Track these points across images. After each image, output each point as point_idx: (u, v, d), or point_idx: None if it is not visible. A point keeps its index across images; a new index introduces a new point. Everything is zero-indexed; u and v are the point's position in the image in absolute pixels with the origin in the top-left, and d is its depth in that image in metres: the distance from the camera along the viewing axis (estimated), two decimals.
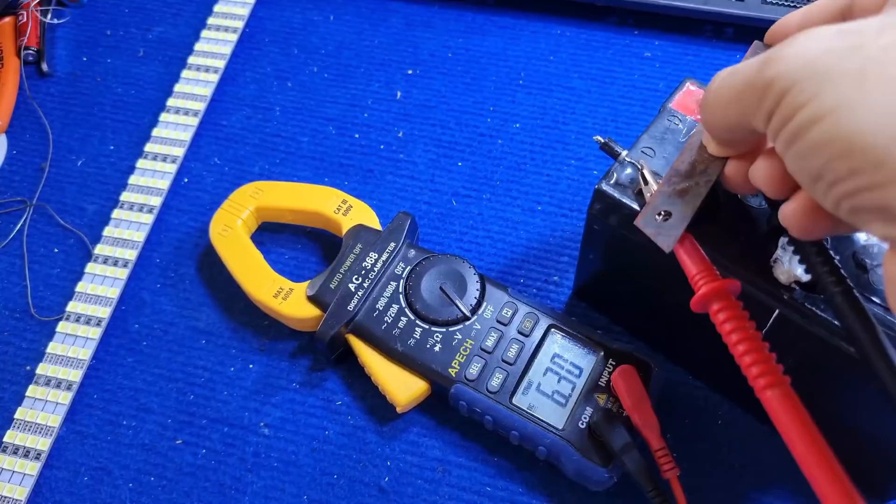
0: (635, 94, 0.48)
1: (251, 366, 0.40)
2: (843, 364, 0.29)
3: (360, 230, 0.41)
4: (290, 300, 0.39)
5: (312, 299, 0.39)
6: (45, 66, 0.51)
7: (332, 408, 0.38)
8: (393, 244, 0.40)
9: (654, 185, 0.32)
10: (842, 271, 0.27)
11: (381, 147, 0.47)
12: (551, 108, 0.48)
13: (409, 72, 0.50)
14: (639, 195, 0.32)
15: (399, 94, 0.50)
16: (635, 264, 0.35)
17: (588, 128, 0.47)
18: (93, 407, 0.39)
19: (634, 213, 0.32)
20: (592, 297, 0.40)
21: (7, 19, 0.52)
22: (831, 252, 0.28)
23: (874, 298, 0.29)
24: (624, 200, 0.33)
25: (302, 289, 0.39)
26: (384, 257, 0.39)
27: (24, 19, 0.52)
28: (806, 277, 0.29)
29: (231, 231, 0.42)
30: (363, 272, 0.39)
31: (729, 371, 0.28)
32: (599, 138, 0.34)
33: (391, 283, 0.38)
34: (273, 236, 0.44)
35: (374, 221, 0.41)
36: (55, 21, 0.54)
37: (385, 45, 0.52)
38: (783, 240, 0.29)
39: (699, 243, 0.30)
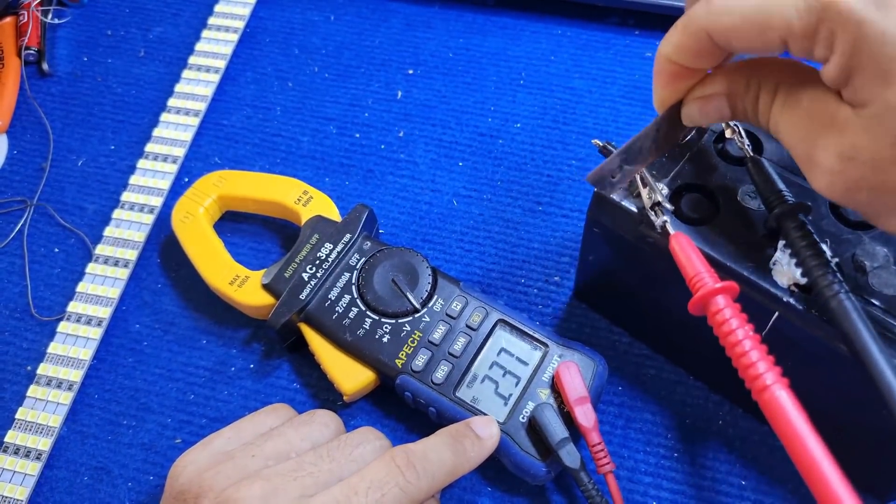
0: (636, 95, 0.48)
1: (251, 366, 0.40)
2: (842, 366, 0.29)
3: (318, 221, 0.41)
4: (245, 288, 0.39)
5: (267, 287, 0.39)
6: (45, 66, 0.51)
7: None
8: (349, 235, 0.40)
9: (653, 187, 0.32)
10: (837, 274, 0.27)
11: (382, 147, 0.47)
12: (552, 108, 0.48)
13: (410, 72, 0.50)
14: (638, 197, 0.32)
15: (400, 93, 0.49)
16: (635, 266, 0.35)
17: (589, 128, 0.47)
18: (93, 407, 0.39)
19: (634, 215, 0.32)
20: (593, 298, 0.40)
21: (8, 19, 0.53)
22: (829, 254, 0.28)
23: (873, 301, 0.29)
24: (623, 202, 0.33)
25: (258, 277, 0.39)
26: (339, 248, 0.39)
27: (25, 19, 0.52)
28: (805, 280, 0.29)
29: (192, 218, 0.42)
30: (318, 262, 0.39)
31: (729, 372, 0.28)
32: (598, 142, 0.34)
33: (345, 273, 0.39)
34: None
35: (333, 213, 0.42)
36: (56, 21, 0.54)
37: (385, 45, 0.52)
38: (782, 242, 0.29)
39: (698, 245, 0.30)
